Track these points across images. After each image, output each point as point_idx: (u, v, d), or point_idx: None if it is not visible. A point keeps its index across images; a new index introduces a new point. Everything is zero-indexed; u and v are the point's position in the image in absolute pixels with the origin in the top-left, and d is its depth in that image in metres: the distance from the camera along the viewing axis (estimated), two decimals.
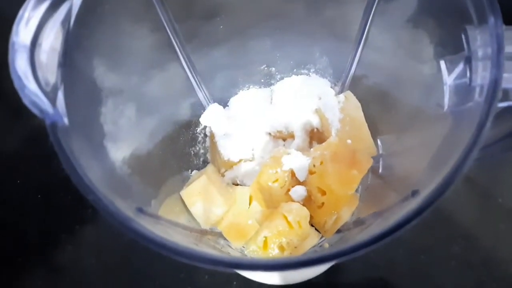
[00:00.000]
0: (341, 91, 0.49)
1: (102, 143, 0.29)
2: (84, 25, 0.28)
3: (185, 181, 0.47)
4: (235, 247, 0.45)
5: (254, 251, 0.41)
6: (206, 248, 0.38)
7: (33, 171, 0.55)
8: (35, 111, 0.24)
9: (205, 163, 0.52)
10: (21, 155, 0.57)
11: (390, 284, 0.48)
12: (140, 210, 0.27)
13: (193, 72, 0.45)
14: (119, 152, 0.31)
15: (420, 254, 0.49)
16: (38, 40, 0.25)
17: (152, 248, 0.21)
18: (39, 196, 0.54)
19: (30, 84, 0.23)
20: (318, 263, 0.22)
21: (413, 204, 0.24)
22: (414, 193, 0.27)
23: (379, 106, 0.45)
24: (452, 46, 0.29)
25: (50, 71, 0.26)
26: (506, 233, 0.49)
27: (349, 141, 0.45)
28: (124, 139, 0.33)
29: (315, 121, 0.48)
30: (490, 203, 0.51)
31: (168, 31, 0.39)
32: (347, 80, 0.47)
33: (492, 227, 0.50)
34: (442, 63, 0.30)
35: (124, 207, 0.24)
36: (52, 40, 0.26)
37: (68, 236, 0.51)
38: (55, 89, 0.25)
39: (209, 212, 0.44)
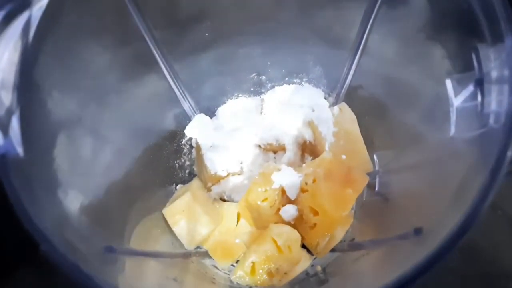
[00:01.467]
0: (335, 103, 0.46)
1: (63, 178, 0.25)
2: (46, 38, 0.24)
3: (168, 197, 0.44)
4: (222, 268, 0.42)
5: (241, 277, 0.38)
6: (189, 279, 0.35)
7: None
8: None
9: (192, 175, 0.49)
10: None
11: None
12: (109, 250, 0.24)
13: (176, 82, 0.42)
14: (85, 183, 0.28)
15: None
16: None
17: None
18: None
19: None
20: None
21: (419, 248, 0.22)
22: (418, 231, 0.24)
23: (376, 119, 0.43)
24: (461, 64, 0.27)
25: (5, 91, 0.22)
26: (506, 246, 0.47)
27: (343, 156, 0.42)
28: (91, 165, 0.30)
29: (307, 134, 0.45)
30: (490, 215, 0.49)
31: (148, 40, 0.36)
32: (342, 91, 0.44)
33: (491, 239, 0.48)
34: (449, 82, 0.27)
35: (89, 251, 0.21)
36: (8, 55, 0.23)
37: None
38: (9, 113, 0.22)
39: (193, 232, 0.41)
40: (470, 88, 0.25)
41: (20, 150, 0.21)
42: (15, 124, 0.22)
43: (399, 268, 0.21)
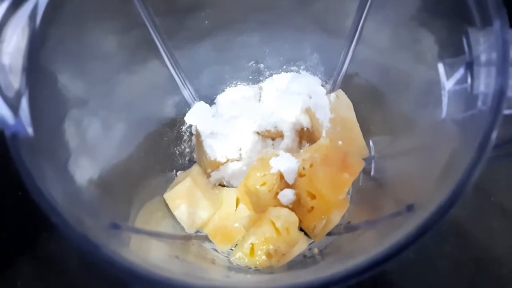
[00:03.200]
0: (332, 90, 0.47)
1: (71, 156, 0.26)
2: (52, 23, 0.25)
3: (169, 183, 0.45)
4: (222, 251, 0.43)
5: (240, 258, 0.39)
6: (190, 259, 0.36)
7: (13, 167, 0.52)
8: None
9: (191, 162, 0.50)
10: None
11: (379, 284, 0.47)
12: (114, 226, 0.25)
13: (176, 69, 0.43)
14: (91, 163, 0.29)
15: (410, 253, 0.48)
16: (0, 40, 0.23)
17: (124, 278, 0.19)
18: (19, 193, 0.51)
19: None
20: None
21: (411, 221, 0.23)
22: (410, 208, 0.25)
23: (371, 106, 0.43)
24: (452, 48, 0.27)
25: (13, 75, 0.23)
26: (499, 232, 0.48)
27: (340, 142, 0.43)
28: (96, 147, 0.31)
29: (305, 121, 0.46)
30: (483, 201, 0.50)
31: (149, 27, 0.36)
32: (339, 78, 0.45)
33: (484, 226, 0.49)
34: (441, 67, 0.28)
35: (96, 226, 0.22)
36: (16, 40, 0.24)
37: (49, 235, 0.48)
38: (18, 95, 0.23)
39: (194, 216, 0.42)
40: (461, 71, 0.26)
41: (30, 130, 0.22)
42: (24, 105, 0.22)
43: (391, 240, 0.22)
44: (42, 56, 0.25)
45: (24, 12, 0.24)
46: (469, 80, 0.25)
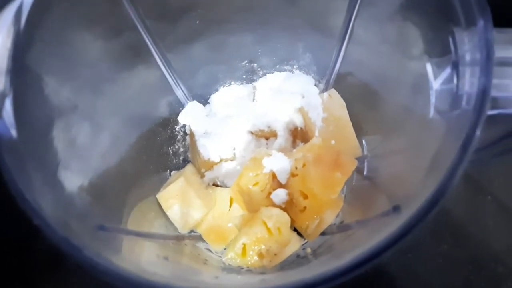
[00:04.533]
0: (325, 89, 0.47)
1: (60, 160, 0.26)
2: (38, 24, 0.25)
3: (163, 182, 0.45)
4: (215, 251, 0.43)
5: (232, 258, 0.39)
6: (182, 259, 0.36)
7: None
8: None
9: (186, 161, 0.50)
10: None
11: (376, 283, 0.47)
12: (101, 228, 0.25)
13: (169, 70, 0.43)
14: (80, 166, 0.29)
15: (407, 252, 0.48)
16: None
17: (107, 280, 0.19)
18: None
19: None
20: None
21: (397, 221, 0.23)
22: (396, 208, 0.25)
23: (364, 105, 0.43)
24: (439, 48, 0.27)
25: None
26: (496, 231, 0.48)
27: (333, 141, 0.43)
28: (86, 150, 0.31)
29: (298, 120, 0.46)
30: (480, 199, 0.50)
31: (139, 28, 0.36)
32: (332, 78, 0.45)
33: (481, 224, 0.49)
34: (428, 66, 0.28)
35: (81, 228, 0.22)
36: (0, 41, 0.24)
37: None
38: (2, 96, 0.23)
39: (187, 216, 0.42)
40: (448, 70, 0.26)
41: (13, 132, 0.22)
42: (8, 107, 0.23)
43: (378, 239, 0.22)
44: (28, 57, 0.25)
45: (9, 12, 0.24)
46: (455, 79, 0.25)
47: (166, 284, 0.19)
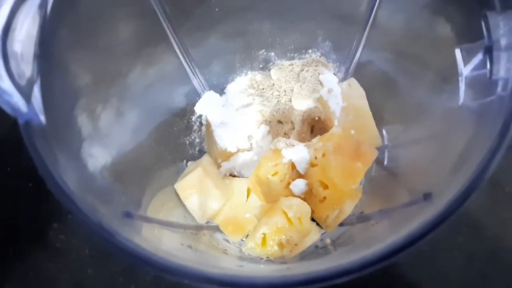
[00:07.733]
0: (344, 78, 0.46)
1: (83, 144, 0.26)
2: (63, 11, 0.25)
3: (179, 173, 0.45)
4: (233, 242, 0.43)
5: (252, 248, 0.39)
6: (203, 248, 0.35)
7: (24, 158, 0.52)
8: (6, 109, 0.21)
9: (201, 152, 0.49)
10: (10, 141, 0.54)
11: (393, 276, 0.46)
12: (127, 215, 0.25)
13: (187, 58, 0.43)
14: (104, 152, 0.29)
15: (423, 244, 0.47)
16: (11, 28, 0.23)
17: (137, 265, 0.18)
18: (30, 184, 0.52)
19: (3, 82, 0.21)
20: (322, 281, 0.20)
21: (427, 210, 0.22)
22: (427, 196, 0.25)
23: (384, 94, 0.43)
24: (470, 34, 0.27)
25: (25, 63, 0.23)
26: None
27: (352, 131, 0.43)
28: (108, 136, 0.31)
29: (317, 110, 0.46)
30: (497, 192, 0.49)
31: (159, 14, 0.36)
32: (351, 66, 0.45)
33: (498, 216, 0.48)
34: (458, 52, 0.28)
35: (109, 214, 0.22)
36: (27, 27, 0.23)
37: (60, 225, 0.49)
38: (30, 83, 0.22)
39: (205, 206, 0.42)
40: (479, 56, 0.26)
41: (42, 117, 0.22)
42: (36, 93, 0.22)
43: (407, 229, 0.22)
44: (53, 44, 0.25)
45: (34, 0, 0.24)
46: (488, 65, 0.25)
47: (200, 270, 0.19)
